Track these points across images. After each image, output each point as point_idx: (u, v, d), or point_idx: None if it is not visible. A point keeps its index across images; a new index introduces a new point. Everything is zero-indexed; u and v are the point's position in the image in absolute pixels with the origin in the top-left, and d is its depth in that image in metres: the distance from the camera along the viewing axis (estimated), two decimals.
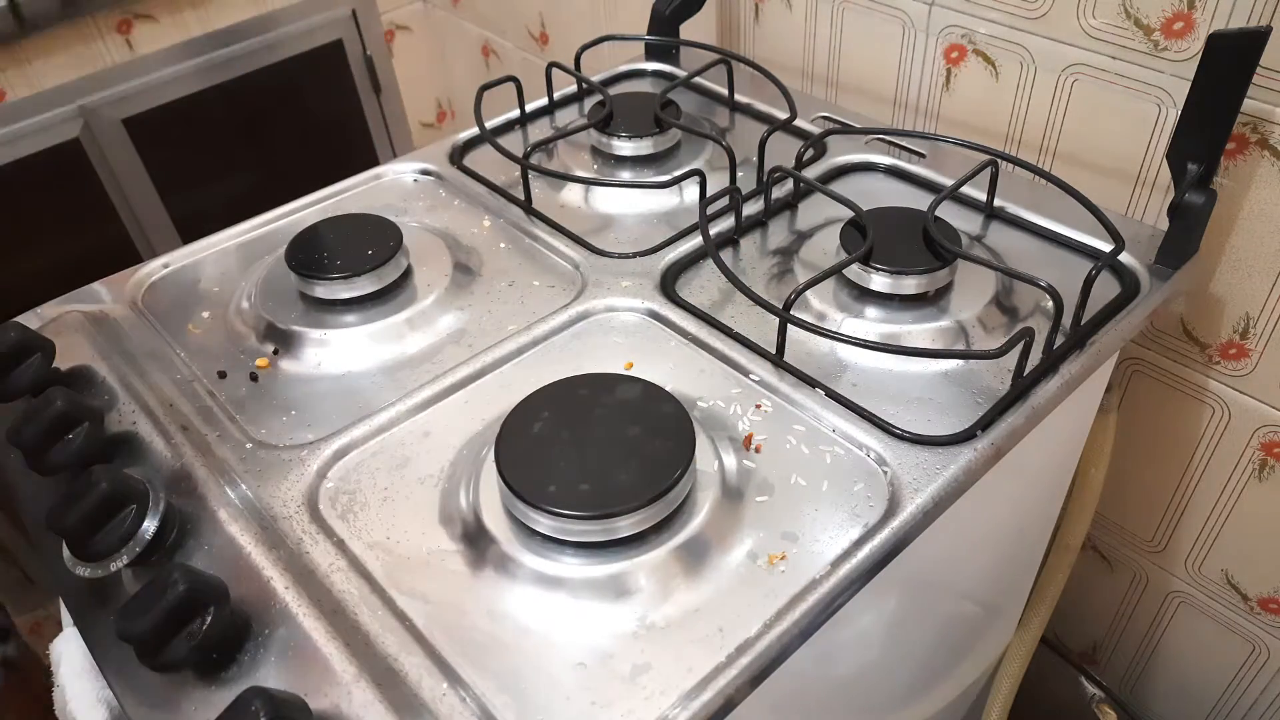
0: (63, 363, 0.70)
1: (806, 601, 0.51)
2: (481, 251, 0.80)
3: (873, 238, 0.69)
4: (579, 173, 0.87)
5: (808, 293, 0.70)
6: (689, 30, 1.06)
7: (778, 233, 0.79)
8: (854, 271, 0.69)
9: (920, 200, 0.81)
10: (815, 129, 0.92)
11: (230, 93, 1.43)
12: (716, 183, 0.86)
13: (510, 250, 0.80)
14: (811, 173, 0.85)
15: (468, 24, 1.58)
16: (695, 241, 0.78)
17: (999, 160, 0.77)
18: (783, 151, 0.90)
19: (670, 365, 0.67)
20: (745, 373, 0.66)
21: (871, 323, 0.68)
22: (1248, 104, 0.68)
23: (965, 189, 0.81)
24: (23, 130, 1.24)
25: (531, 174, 0.85)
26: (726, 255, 0.77)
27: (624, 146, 0.87)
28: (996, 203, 0.79)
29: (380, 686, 0.48)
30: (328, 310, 0.72)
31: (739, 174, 0.87)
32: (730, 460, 0.59)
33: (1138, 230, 0.75)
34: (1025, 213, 0.78)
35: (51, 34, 1.24)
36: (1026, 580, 0.97)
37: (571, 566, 0.52)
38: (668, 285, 0.74)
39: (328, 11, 1.50)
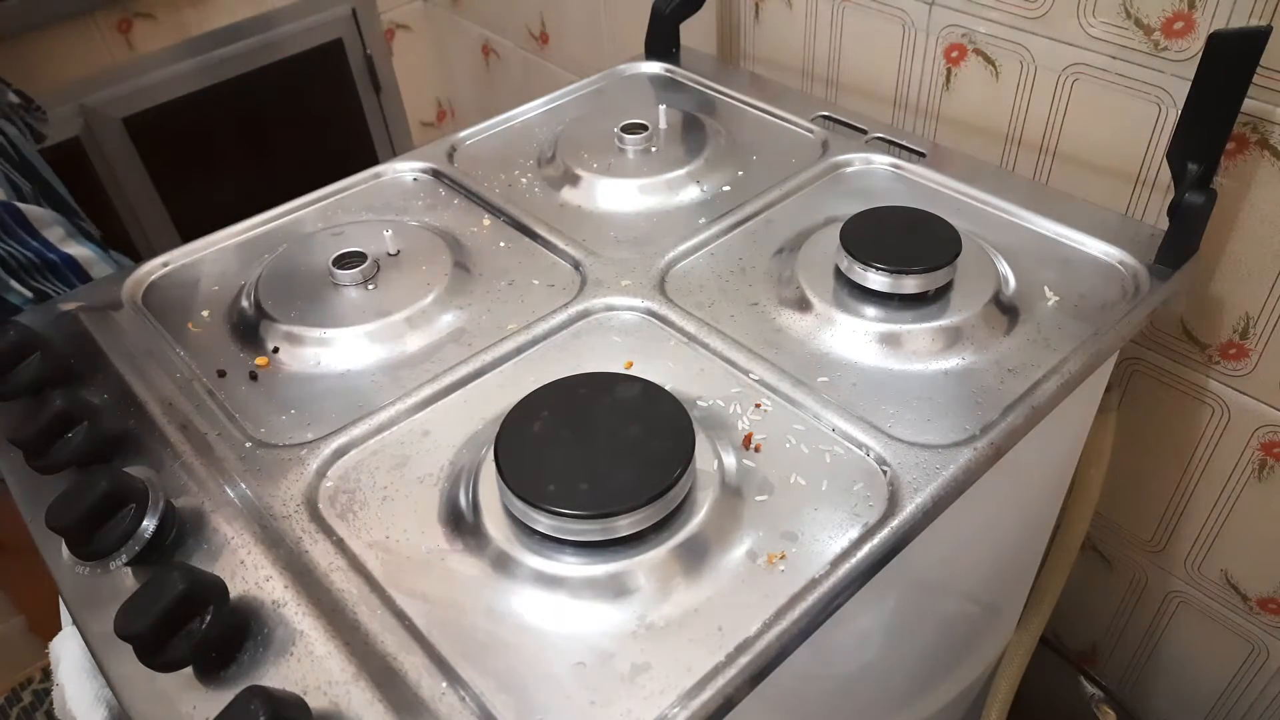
0: (62, 362, 0.70)
1: (806, 601, 0.51)
2: (481, 250, 0.80)
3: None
4: (578, 171, 0.87)
5: (806, 290, 0.70)
6: (689, 30, 1.06)
7: (780, 230, 0.79)
8: (854, 271, 0.69)
9: (920, 200, 0.81)
10: (815, 128, 0.92)
11: (230, 92, 1.44)
12: (715, 181, 0.86)
13: (510, 249, 0.80)
14: (812, 172, 0.85)
15: (468, 23, 1.58)
16: (694, 240, 0.78)
17: None
18: (783, 150, 0.90)
19: (670, 364, 0.67)
20: (745, 372, 0.66)
21: (871, 322, 0.68)
22: (1248, 104, 0.68)
23: (968, 189, 0.81)
24: None
25: (531, 173, 0.85)
26: (728, 252, 0.77)
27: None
28: (994, 202, 0.79)
29: (379, 686, 0.48)
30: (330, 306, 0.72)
31: (740, 173, 0.87)
32: (730, 460, 0.59)
33: (1138, 230, 0.75)
34: (1025, 211, 0.78)
35: (51, 33, 1.24)
36: (1026, 580, 0.97)
37: (571, 566, 0.52)
38: (667, 284, 0.74)
39: (328, 10, 1.50)
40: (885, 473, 0.58)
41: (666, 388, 0.59)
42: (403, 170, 0.92)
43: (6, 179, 0.91)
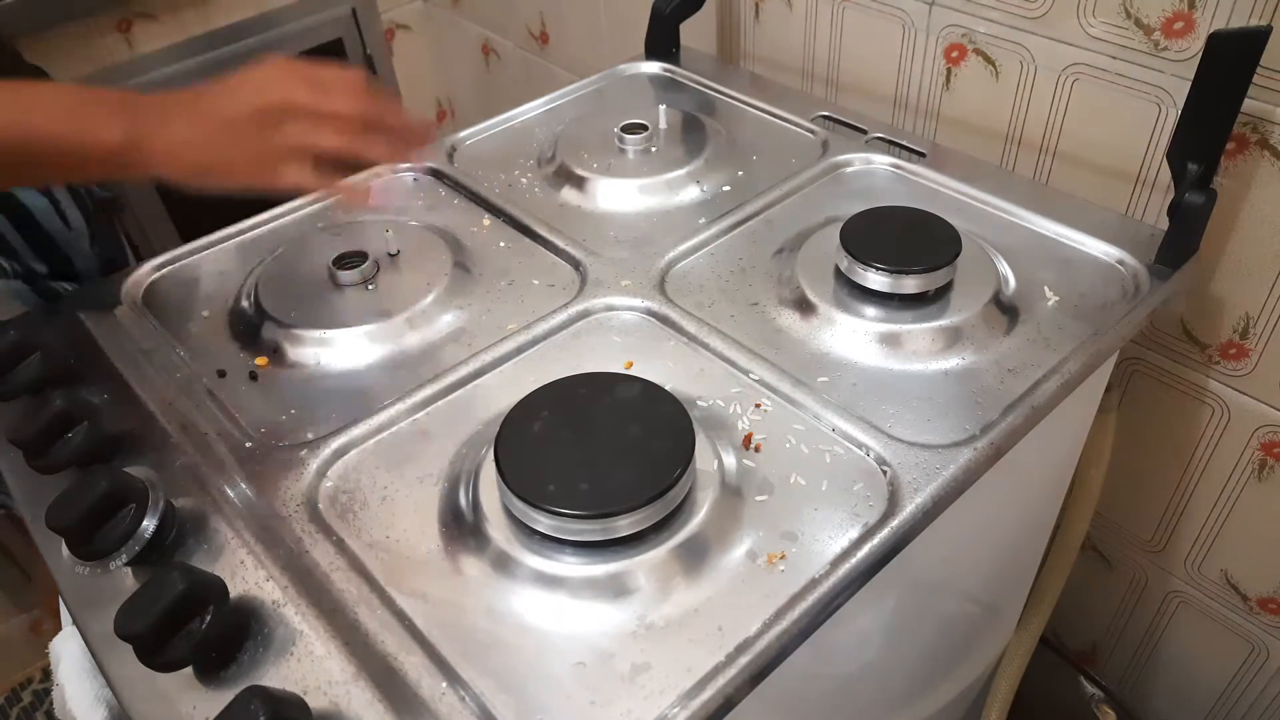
0: (62, 362, 0.70)
1: (806, 601, 0.51)
2: (481, 250, 0.80)
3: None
4: (578, 171, 0.87)
5: (806, 290, 0.70)
6: (689, 30, 1.06)
7: (780, 230, 0.79)
8: (854, 271, 0.69)
9: (920, 200, 0.81)
10: (816, 128, 0.92)
11: None
12: (715, 181, 0.86)
13: (510, 249, 0.80)
14: (812, 172, 0.85)
15: (468, 23, 1.58)
16: (694, 240, 0.78)
17: None
18: (783, 150, 0.90)
19: (670, 364, 0.67)
20: (745, 372, 0.65)
21: (871, 322, 0.68)
22: (1248, 104, 0.68)
23: (967, 189, 0.81)
24: None
25: (531, 173, 0.85)
26: (728, 252, 0.77)
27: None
28: (994, 202, 0.79)
29: (379, 685, 0.48)
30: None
31: (740, 173, 0.87)
32: (730, 460, 0.59)
33: (1138, 230, 0.75)
34: (1025, 211, 0.78)
35: (52, 33, 1.24)
36: (1026, 580, 0.97)
37: (571, 566, 0.52)
38: (667, 284, 0.74)
39: (328, 10, 1.49)
40: (885, 473, 0.58)
41: (666, 388, 0.59)
42: (403, 170, 0.92)
43: None
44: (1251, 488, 0.87)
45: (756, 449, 0.60)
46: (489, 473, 0.57)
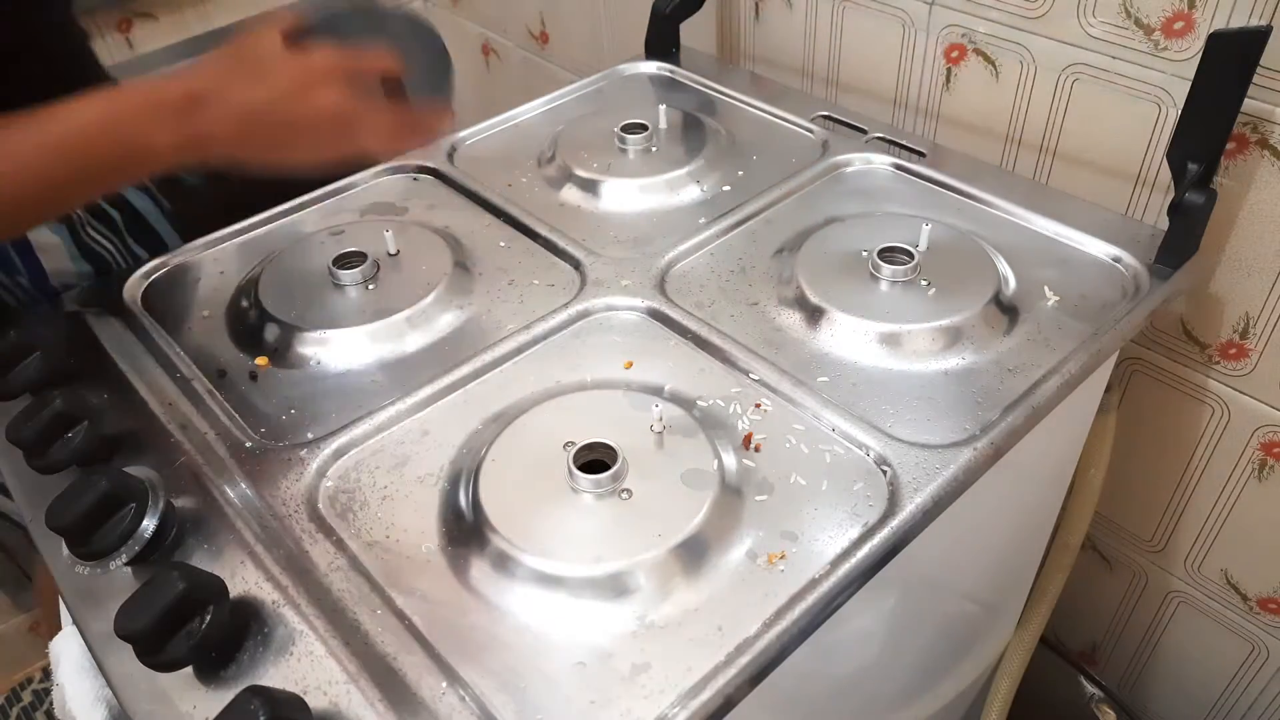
0: (62, 362, 0.70)
1: (806, 601, 0.51)
2: (481, 250, 0.80)
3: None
4: (578, 171, 0.87)
5: (806, 290, 0.70)
6: (689, 30, 1.06)
7: (780, 230, 0.79)
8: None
9: (920, 200, 0.81)
10: (815, 128, 0.92)
11: None
12: (715, 180, 0.86)
13: (510, 249, 0.80)
14: (812, 172, 0.85)
15: (468, 23, 1.58)
16: (694, 240, 0.78)
17: None
18: (783, 150, 0.90)
19: (670, 364, 0.67)
20: (745, 372, 0.66)
21: (870, 321, 0.68)
22: (1248, 104, 0.68)
23: (968, 189, 0.81)
24: None
25: (531, 173, 0.84)
26: (728, 252, 0.77)
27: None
28: (994, 202, 0.80)
29: (379, 685, 0.48)
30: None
31: (740, 173, 0.87)
32: (730, 460, 0.59)
33: (1138, 230, 0.75)
34: (1025, 211, 0.78)
35: None
36: (1026, 580, 0.97)
37: (571, 565, 0.52)
38: (667, 284, 0.74)
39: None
40: (885, 473, 0.58)
41: (666, 387, 0.59)
42: (403, 170, 0.92)
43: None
44: (1251, 488, 0.87)
45: (756, 449, 0.60)
46: (489, 472, 0.57)
